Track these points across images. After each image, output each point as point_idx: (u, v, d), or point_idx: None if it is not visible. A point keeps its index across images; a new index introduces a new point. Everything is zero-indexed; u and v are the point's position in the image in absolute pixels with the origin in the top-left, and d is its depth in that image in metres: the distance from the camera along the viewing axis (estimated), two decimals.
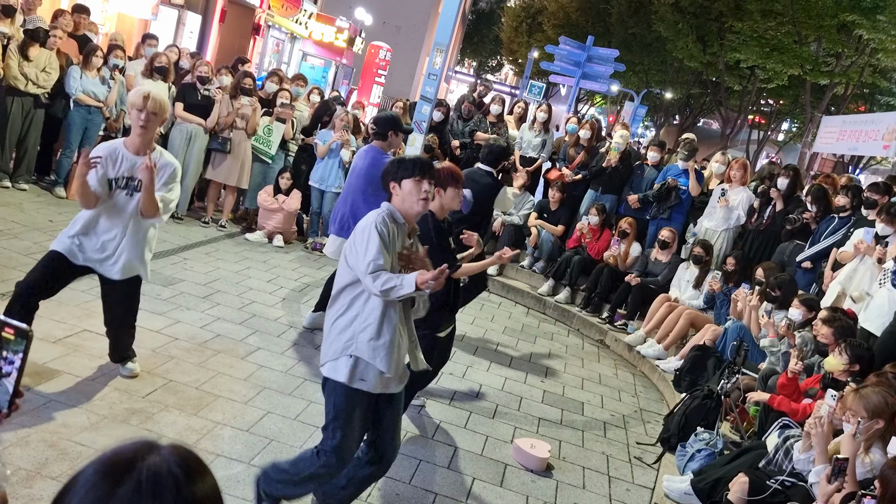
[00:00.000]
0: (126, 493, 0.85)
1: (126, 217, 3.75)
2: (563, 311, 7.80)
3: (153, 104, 3.64)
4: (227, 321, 5.33)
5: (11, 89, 6.85)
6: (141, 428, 3.64)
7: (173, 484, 0.87)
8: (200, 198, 8.39)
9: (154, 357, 4.44)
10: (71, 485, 0.88)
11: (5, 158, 7.12)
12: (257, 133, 7.90)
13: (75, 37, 7.87)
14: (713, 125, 37.71)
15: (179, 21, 16.11)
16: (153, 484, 0.86)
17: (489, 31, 43.93)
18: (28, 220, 6.31)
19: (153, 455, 0.90)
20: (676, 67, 25.97)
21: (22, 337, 1.37)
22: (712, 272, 6.87)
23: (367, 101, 17.57)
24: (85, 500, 0.85)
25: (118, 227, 3.74)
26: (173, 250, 6.65)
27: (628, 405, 5.82)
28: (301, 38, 22.80)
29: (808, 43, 17.93)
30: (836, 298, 5.56)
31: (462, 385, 5.29)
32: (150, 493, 0.86)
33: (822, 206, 6.54)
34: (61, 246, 3.72)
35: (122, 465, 0.88)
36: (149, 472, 0.87)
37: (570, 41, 14.23)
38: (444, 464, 4.10)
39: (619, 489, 4.33)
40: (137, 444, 0.91)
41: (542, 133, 8.80)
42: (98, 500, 0.85)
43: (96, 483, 0.86)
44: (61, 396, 3.71)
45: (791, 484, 3.48)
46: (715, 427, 4.62)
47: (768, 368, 5.07)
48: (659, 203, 7.77)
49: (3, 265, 5.16)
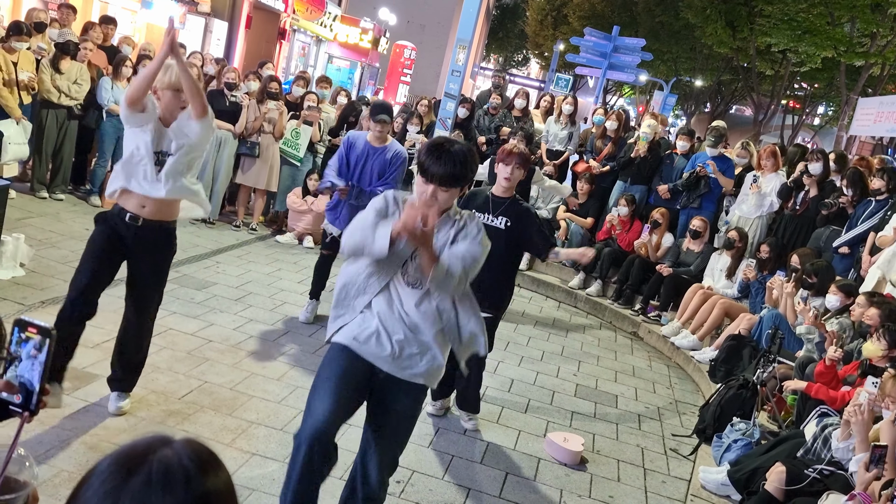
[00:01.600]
0: (137, 484, 0.87)
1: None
2: (595, 303, 7.75)
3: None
4: (259, 322, 5.40)
5: (45, 102, 7.02)
6: (178, 429, 3.71)
7: (184, 476, 0.89)
8: (231, 202, 8.51)
9: (189, 359, 4.52)
10: (87, 477, 0.90)
11: (42, 170, 7.31)
12: (285, 136, 7.99)
13: (104, 48, 8.04)
14: (746, 111, 37.08)
15: (206, 28, 16.35)
16: (163, 476, 0.88)
17: (514, 25, 43.73)
18: (65, 229, 6.46)
19: (165, 448, 0.91)
20: (706, 54, 25.59)
21: (45, 336, 1.41)
22: (746, 260, 6.76)
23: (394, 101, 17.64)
24: (98, 491, 0.87)
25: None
26: (206, 254, 6.75)
27: (663, 397, 5.76)
28: (326, 40, 22.97)
29: (841, 24, 17.50)
30: (877, 283, 5.44)
31: (493, 380, 5.29)
32: (160, 484, 0.87)
33: (859, 190, 6.39)
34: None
35: (134, 457, 0.90)
36: (160, 465, 0.89)
37: (595, 32, 14.11)
38: (478, 459, 4.11)
39: (654, 481, 4.29)
40: (151, 438, 0.93)
41: (568, 126, 8.75)
42: (110, 491, 0.87)
43: (109, 475, 0.88)
44: (101, 400, 3.79)
45: (830, 473, 3.41)
46: (751, 417, 4.55)
47: (805, 356, 4.98)
48: (689, 192, 7.66)
49: (42, 274, 5.30)
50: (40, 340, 1.42)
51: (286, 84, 9.45)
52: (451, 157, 2.56)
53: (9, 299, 4.74)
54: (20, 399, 1.45)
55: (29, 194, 7.22)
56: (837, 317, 5.14)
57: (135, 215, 3.49)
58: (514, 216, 4.12)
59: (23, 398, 1.45)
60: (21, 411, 1.47)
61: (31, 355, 1.43)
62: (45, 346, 1.42)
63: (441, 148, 2.59)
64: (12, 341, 1.42)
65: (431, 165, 2.56)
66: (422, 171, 2.61)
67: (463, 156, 2.59)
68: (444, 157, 2.56)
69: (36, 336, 1.42)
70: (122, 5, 13.79)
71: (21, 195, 7.06)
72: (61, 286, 5.11)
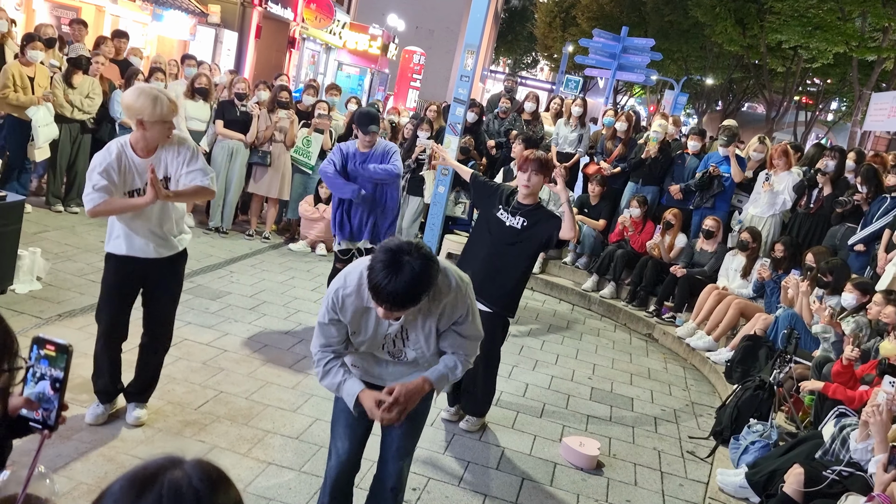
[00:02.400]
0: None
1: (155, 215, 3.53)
2: (609, 306, 7.72)
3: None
4: (273, 331, 5.43)
5: (59, 117, 7.10)
6: (194, 440, 3.74)
7: (194, 497, 0.90)
8: (244, 211, 8.56)
9: (205, 369, 4.55)
10: (99, 499, 0.91)
11: (57, 183, 7.39)
12: (296, 145, 8.03)
13: (116, 61, 8.12)
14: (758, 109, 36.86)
15: (217, 39, 16.49)
16: (174, 497, 0.89)
17: (523, 28, 43.75)
18: (81, 242, 6.53)
19: (176, 469, 0.92)
20: (716, 52, 25.49)
21: (63, 352, 1.44)
22: (760, 259, 6.72)
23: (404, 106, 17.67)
24: None
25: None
26: (220, 264, 6.80)
27: (679, 399, 5.73)
28: (336, 48, 23.08)
29: (852, 19, 17.36)
30: (893, 281, 5.39)
31: (508, 385, 5.28)
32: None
33: (873, 186, 6.33)
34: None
35: (145, 479, 0.91)
36: (170, 486, 0.90)
37: (604, 33, 14.08)
38: (493, 465, 4.10)
39: (671, 485, 4.27)
40: (162, 459, 0.94)
41: (577, 128, 8.73)
42: None
43: (121, 496, 0.89)
44: (118, 411, 3.82)
45: (849, 474, 3.38)
46: (768, 418, 4.52)
47: (822, 356, 4.93)
48: (702, 192, 7.62)
49: (58, 287, 5.35)
50: (58, 357, 1.44)
51: (297, 92, 9.50)
52: (405, 276, 2.21)
53: (26, 313, 4.80)
54: (40, 416, 1.48)
55: (44, 208, 7.30)
56: (854, 315, 5.09)
57: (142, 259, 3.56)
58: (533, 219, 4.11)
59: (42, 414, 1.47)
60: (41, 428, 1.49)
61: (49, 372, 1.45)
62: (63, 362, 1.44)
63: (397, 264, 2.21)
64: (31, 358, 1.45)
65: (384, 283, 2.22)
66: (372, 290, 2.27)
67: (417, 278, 2.22)
68: (396, 277, 2.21)
69: (54, 353, 1.44)
70: (133, 18, 13.93)
71: (37, 209, 7.15)
72: (78, 299, 5.17)
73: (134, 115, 3.25)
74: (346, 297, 2.46)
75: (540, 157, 4.12)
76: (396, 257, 2.21)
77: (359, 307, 2.48)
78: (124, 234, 3.46)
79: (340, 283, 2.49)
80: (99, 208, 3.24)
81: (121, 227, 3.46)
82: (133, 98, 3.23)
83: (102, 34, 9.22)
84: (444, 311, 2.50)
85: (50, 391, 1.45)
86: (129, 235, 3.46)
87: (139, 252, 3.50)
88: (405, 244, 2.25)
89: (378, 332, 2.55)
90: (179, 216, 3.64)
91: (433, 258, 2.30)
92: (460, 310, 2.53)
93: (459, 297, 2.51)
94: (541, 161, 4.09)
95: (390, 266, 2.20)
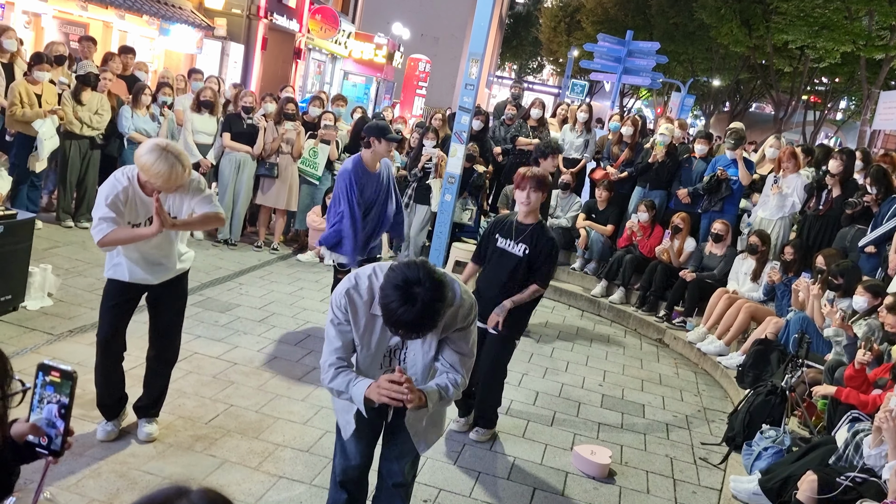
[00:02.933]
0: None
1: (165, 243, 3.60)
2: (619, 311, 7.70)
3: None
4: (283, 343, 5.44)
5: (68, 133, 7.16)
6: (205, 454, 3.74)
7: None
8: (252, 223, 8.59)
9: (215, 383, 4.56)
10: None
11: (67, 199, 7.45)
12: (303, 156, 8.06)
13: (124, 77, 8.18)
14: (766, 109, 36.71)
15: (223, 52, 16.60)
16: None
17: (527, 33, 43.82)
18: (91, 257, 6.57)
19: (183, 500, 0.92)
20: (722, 54, 25.42)
21: (67, 378, 1.45)
22: (770, 263, 6.68)
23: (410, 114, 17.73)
24: None
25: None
26: (229, 276, 6.82)
27: (691, 405, 5.69)
28: (341, 57, 23.18)
29: (859, 18, 17.28)
30: None
31: (518, 393, 5.27)
32: None
33: (883, 187, 6.29)
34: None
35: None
36: None
37: (609, 37, 14.09)
38: (504, 475, 4.09)
39: (684, 492, 4.24)
40: (169, 489, 0.94)
41: (583, 133, 8.73)
42: None
43: None
44: (129, 427, 3.84)
45: (863, 480, 3.35)
46: (781, 423, 4.48)
47: (835, 360, 4.90)
48: (710, 195, 7.60)
49: (69, 303, 5.39)
50: (63, 383, 1.45)
51: (303, 103, 9.54)
52: (419, 308, 2.24)
53: (38, 329, 4.83)
54: (46, 441, 1.49)
55: (55, 224, 7.35)
56: (866, 318, 5.05)
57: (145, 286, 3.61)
58: (534, 245, 4.14)
59: (48, 440, 1.49)
60: (46, 453, 1.50)
61: (55, 398, 1.46)
62: (69, 388, 1.45)
63: (410, 297, 2.24)
64: (37, 384, 1.46)
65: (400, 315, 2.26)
66: (389, 323, 2.32)
67: (431, 307, 2.26)
68: (411, 308, 2.24)
69: (59, 379, 1.45)
70: (140, 33, 14.05)
71: (47, 225, 7.20)
72: (89, 314, 5.20)
73: (147, 176, 3.25)
74: (358, 298, 2.49)
75: (537, 174, 4.12)
76: (408, 290, 2.23)
77: (368, 314, 2.51)
78: (126, 263, 3.51)
79: (351, 284, 2.51)
80: (107, 239, 3.29)
81: (122, 256, 3.51)
82: (151, 161, 3.18)
83: (110, 50, 9.28)
84: (447, 321, 2.51)
85: (56, 417, 1.46)
86: (130, 265, 3.51)
87: (140, 280, 3.56)
88: (413, 274, 2.26)
89: (381, 346, 2.58)
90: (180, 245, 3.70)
91: (443, 280, 2.31)
92: (460, 322, 2.55)
93: (462, 310, 2.53)
94: (538, 178, 4.09)
95: (403, 299, 2.23)
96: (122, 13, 12.91)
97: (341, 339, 2.54)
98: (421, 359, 2.61)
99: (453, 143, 6.98)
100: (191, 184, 3.45)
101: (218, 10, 16.08)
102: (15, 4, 11.12)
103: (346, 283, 2.53)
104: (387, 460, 2.89)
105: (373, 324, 2.52)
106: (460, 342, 2.59)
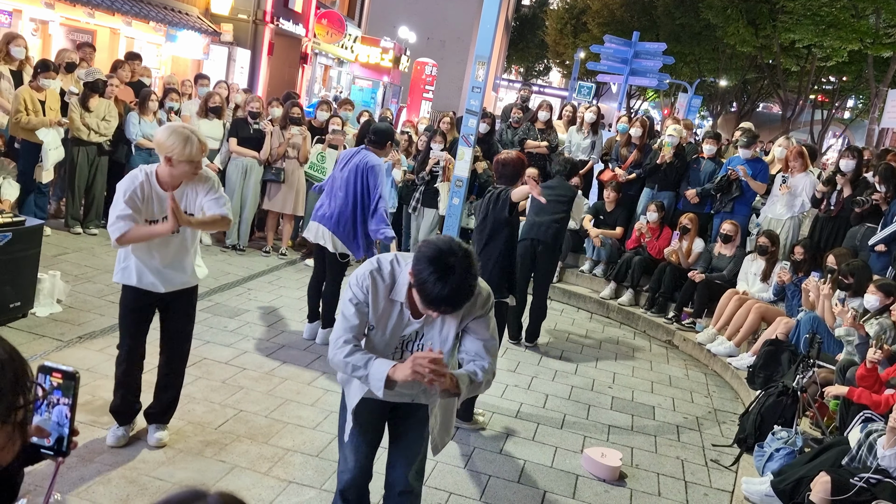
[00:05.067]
0: None
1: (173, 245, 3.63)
2: (628, 313, 7.67)
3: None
4: (292, 348, 5.44)
5: (76, 140, 7.19)
6: (215, 459, 3.74)
7: None
8: (260, 228, 8.61)
9: (224, 388, 4.56)
10: None
11: (75, 206, 7.47)
12: (311, 161, 8.07)
13: (131, 83, 8.22)
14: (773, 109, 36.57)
15: (230, 57, 16.67)
16: None
17: (534, 35, 43.81)
18: (99, 263, 6.59)
19: (200, 503, 0.92)
20: (729, 54, 25.36)
21: (70, 379, 1.45)
22: (780, 263, 6.64)
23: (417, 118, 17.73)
24: None
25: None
26: (237, 281, 6.83)
27: (701, 406, 5.66)
28: (348, 62, 23.23)
29: (865, 16, 17.21)
30: None
31: (528, 396, 5.25)
32: None
33: (892, 186, 6.24)
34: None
35: None
36: None
37: (615, 39, 14.08)
38: (514, 478, 4.07)
39: (696, 494, 4.21)
40: (186, 493, 0.93)
41: (590, 135, 8.71)
42: None
43: None
44: (139, 433, 3.84)
45: (877, 481, 3.32)
46: (793, 424, 4.45)
47: (846, 359, 4.86)
48: (721, 196, 7.56)
49: (79, 309, 5.40)
50: (66, 384, 1.46)
51: (310, 108, 9.56)
52: (458, 278, 2.27)
53: (47, 336, 4.84)
54: (51, 442, 1.49)
55: (63, 230, 7.38)
56: (877, 317, 5.01)
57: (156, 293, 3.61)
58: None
59: (53, 442, 1.48)
60: (52, 454, 1.50)
61: (58, 399, 1.46)
62: (72, 389, 1.46)
63: (447, 268, 2.27)
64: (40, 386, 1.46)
65: (441, 290, 2.28)
66: (429, 301, 2.32)
67: (468, 273, 2.30)
68: (450, 279, 2.27)
69: (61, 380, 1.46)
70: (147, 40, 14.12)
71: (56, 232, 7.23)
72: (98, 321, 5.22)
73: (164, 152, 3.33)
74: (380, 281, 2.51)
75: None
76: (444, 261, 2.27)
77: (387, 300, 2.52)
78: (134, 267, 3.52)
79: (374, 266, 2.54)
80: (126, 237, 3.31)
81: (132, 259, 3.52)
82: (165, 136, 3.31)
83: (118, 57, 9.33)
84: (466, 308, 2.50)
85: (60, 418, 1.47)
86: (139, 269, 3.53)
87: (148, 286, 3.56)
88: (445, 246, 2.30)
89: (395, 333, 2.57)
90: (193, 252, 3.71)
91: (471, 251, 2.36)
92: (479, 309, 2.56)
93: (481, 298, 2.55)
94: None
95: (441, 272, 2.26)
96: (128, 20, 12.99)
97: (358, 319, 2.53)
98: (437, 348, 2.56)
99: (460, 146, 6.98)
100: (206, 180, 3.51)
101: (224, 15, 16.16)
102: (23, 12, 11.20)
103: (369, 265, 2.55)
104: (392, 468, 2.86)
105: (390, 309, 2.55)
106: (480, 329, 2.58)
